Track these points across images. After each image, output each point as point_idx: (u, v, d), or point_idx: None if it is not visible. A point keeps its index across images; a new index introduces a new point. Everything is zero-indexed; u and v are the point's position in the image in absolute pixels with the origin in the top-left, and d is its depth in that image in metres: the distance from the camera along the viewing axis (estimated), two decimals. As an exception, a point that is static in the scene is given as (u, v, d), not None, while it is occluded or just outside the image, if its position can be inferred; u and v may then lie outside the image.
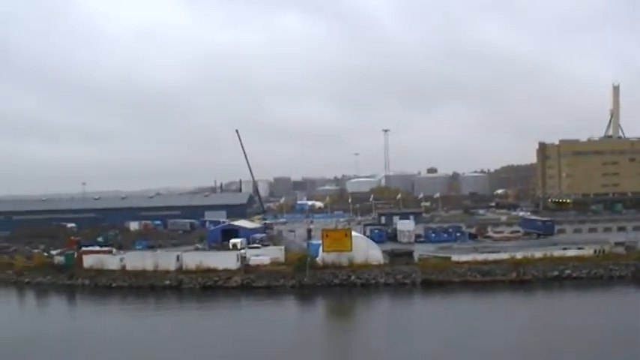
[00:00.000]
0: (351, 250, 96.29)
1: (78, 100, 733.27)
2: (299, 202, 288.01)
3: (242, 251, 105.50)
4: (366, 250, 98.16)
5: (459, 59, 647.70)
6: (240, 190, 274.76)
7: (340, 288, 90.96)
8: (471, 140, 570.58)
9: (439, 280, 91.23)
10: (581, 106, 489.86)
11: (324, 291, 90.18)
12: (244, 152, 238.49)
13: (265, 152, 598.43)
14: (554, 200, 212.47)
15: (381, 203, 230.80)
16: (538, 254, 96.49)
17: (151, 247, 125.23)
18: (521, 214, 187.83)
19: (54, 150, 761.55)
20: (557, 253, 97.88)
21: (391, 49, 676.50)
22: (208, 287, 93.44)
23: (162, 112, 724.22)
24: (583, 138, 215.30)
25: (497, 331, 65.80)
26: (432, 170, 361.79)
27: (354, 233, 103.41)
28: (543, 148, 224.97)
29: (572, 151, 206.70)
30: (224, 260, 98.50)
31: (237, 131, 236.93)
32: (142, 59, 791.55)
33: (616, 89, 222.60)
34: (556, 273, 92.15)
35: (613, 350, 57.42)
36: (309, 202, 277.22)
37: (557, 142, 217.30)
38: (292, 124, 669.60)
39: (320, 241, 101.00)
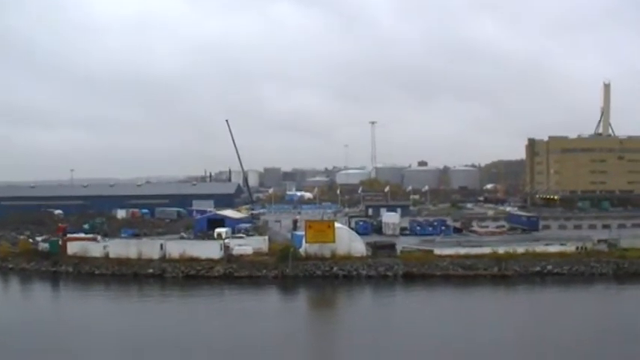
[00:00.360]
0: (334, 241, 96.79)
1: (71, 87, 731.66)
2: (288, 192, 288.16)
3: (226, 241, 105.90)
4: (348, 241, 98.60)
5: (455, 55, 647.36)
6: (229, 179, 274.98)
7: (322, 279, 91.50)
8: (465, 135, 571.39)
9: (421, 273, 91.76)
10: (577, 104, 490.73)
11: (306, 282, 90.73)
12: (234, 142, 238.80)
13: (257, 142, 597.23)
14: (541, 196, 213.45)
15: (371, 195, 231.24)
16: (520, 249, 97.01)
17: (137, 236, 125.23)
18: (508, 209, 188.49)
19: (45, 137, 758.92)
20: (539, 248, 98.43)
21: (387, 43, 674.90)
22: (191, 276, 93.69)
23: (155, 100, 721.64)
24: (576, 136, 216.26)
25: (476, 325, 66.59)
26: (422, 163, 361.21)
27: (337, 225, 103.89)
28: (532, 144, 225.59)
29: (561, 148, 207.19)
30: (207, 249, 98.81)
31: (227, 121, 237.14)
32: (137, 47, 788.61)
33: (607, 87, 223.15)
34: (537, 268, 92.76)
35: (594, 346, 58.28)
36: (299, 193, 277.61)
37: (546, 139, 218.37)
38: (285, 115, 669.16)
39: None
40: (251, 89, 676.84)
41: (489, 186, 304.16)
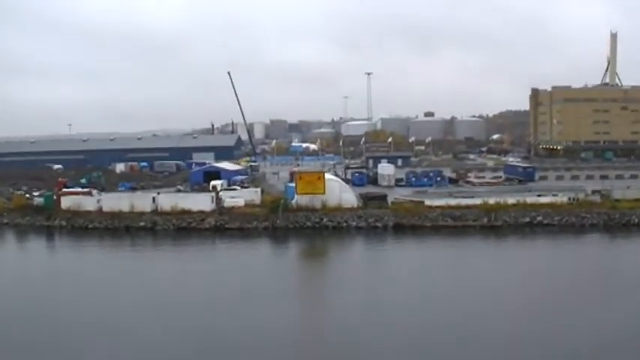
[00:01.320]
0: (324, 193, 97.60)
1: (69, 40, 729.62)
2: (293, 144, 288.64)
3: (220, 193, 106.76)
4: (339, 193, 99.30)
5: (461, 4, 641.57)
6: (232, 132, 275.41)
7: (312, 230, 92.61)
8: (472, 86, 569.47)
9: (411, 224, 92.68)
10: (583, 54, 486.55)
11: (297, 233, 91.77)
12: (236, 94, 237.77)
13: (262, 94, 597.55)
14: (544, 147, 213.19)
15: (375, 146, 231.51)
16: (511, 200, 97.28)
17: (134, 189, 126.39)
18: (510, 159, 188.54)
19: (43, 91, 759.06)
20: (531, 199, 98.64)
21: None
22: (182, 229, 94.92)
23: (157, 53, 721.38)
24: (582, 86, 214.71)
25: (461, 275, 67.46)
26: (429, 114, 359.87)
27: (328, 176, 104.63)
28: (536, 94, 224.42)
29: (564, 97, 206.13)
30: (198, 202, 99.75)
31: (229, 73, 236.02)
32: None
33: (614, 37, 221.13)
34: (527, 219, 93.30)
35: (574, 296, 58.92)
36: (304, 145, 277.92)
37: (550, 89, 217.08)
38: (291, 65, 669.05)
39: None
40: (252, 40, 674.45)
41: (495, 137, 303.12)
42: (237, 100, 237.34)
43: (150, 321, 52.75)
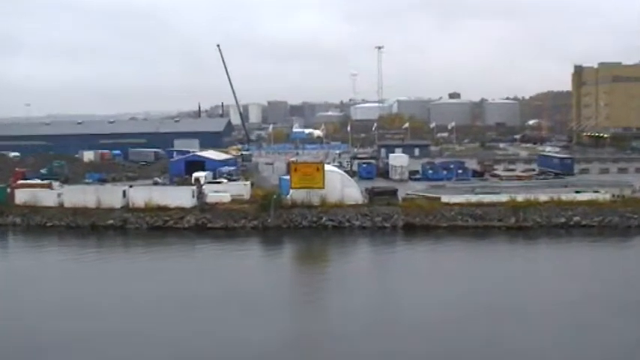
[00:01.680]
0: (323, 187, 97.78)
1: (37, 10, 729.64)
2: (294, 130, 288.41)
3: (203, 187, 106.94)
4: (341, 187, 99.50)
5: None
6: (222, 115, 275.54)
7: (309, 231, 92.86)
8: (505, 63, 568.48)
9: (424, 224, 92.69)
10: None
11: (291, 234, 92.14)
12: (226, 70, 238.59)
13: (260, 72, 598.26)
14: (589, 134, 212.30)
15: (390, 133, 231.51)
16: (544, 197, 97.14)
17: (104, 181, 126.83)
18: (547, 149, 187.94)
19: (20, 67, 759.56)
20: (567, 196, 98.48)
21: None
22: (157, 227, 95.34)
23: (146, 28, 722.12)
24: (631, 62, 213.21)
25: (480, 284, 66.61)
26: (454, 95, 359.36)
27: (328, 168, 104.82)
28: (579, 73, 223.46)
29: (613, 76, 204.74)
30: (177, 197, 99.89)
31: (218, 46, 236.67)
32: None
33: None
34: (562, 220, 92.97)
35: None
36: (306, 131, 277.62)
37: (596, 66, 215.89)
38: (293, 41, 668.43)
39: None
40: (248, 11, 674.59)
41: (532, 122, 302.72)
42: (228, 77, 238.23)
43: (114, 333, 52.76)
